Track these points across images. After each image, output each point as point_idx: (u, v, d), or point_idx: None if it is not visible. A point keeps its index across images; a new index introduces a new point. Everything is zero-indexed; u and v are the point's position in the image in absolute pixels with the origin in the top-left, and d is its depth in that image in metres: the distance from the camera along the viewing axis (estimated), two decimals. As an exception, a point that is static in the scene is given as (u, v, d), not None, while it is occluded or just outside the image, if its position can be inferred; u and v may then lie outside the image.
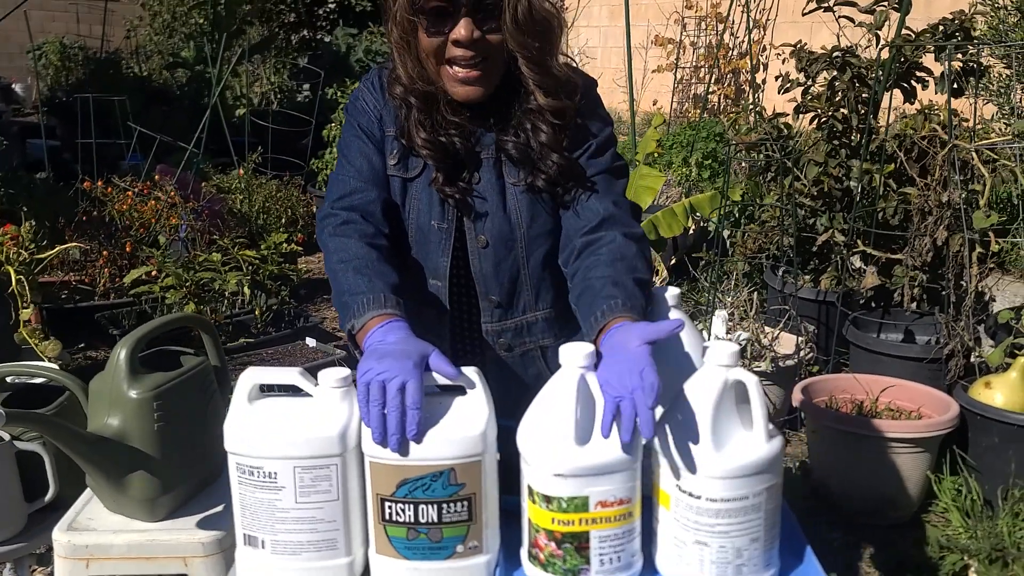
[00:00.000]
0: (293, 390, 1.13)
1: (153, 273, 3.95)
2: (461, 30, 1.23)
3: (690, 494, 1.05)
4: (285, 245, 4.00)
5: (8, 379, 1.94)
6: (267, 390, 1.15)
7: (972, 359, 2.82)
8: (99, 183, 4.79)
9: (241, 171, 5.50)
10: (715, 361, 1.06)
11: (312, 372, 1.14)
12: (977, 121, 3.44)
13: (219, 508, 1.61)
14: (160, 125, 6.95)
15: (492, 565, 1.11)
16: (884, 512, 2.60)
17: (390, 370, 1.05)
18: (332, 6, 10.42)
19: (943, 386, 2.81)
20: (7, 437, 1.86)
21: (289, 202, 5.41)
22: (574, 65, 1.41)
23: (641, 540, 1.10)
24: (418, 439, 1.04)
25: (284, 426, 1.08)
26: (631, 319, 1.17)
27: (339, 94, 6.82)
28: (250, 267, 3.89)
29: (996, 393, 2.55)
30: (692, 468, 1.04)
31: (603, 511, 1.05)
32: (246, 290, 3.82)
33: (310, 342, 3.93)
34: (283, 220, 5.30)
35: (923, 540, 2.46)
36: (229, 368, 1.79)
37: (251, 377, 1.12)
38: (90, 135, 5.89)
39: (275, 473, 1.08)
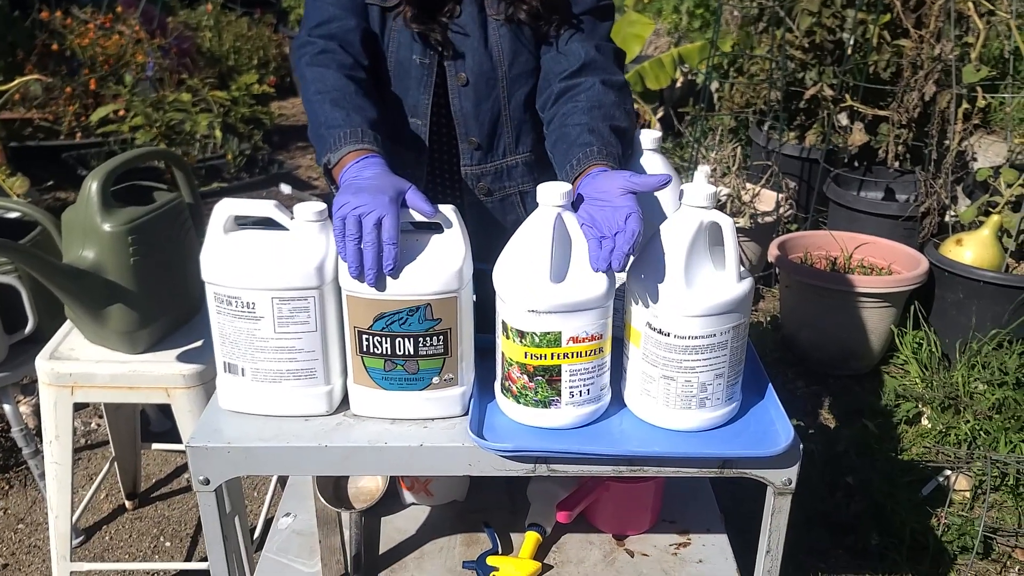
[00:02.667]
0: (268, 223, 1.12)
1: (121, 112, 3.82)
2: None
3: (660, 331, 1.07)
4: (257, 86, 3.87)
5: (-23, 213, 1.91)
6: (242, 223, 1.14)
7: (947, 218, 2.85)
8: (58, 13, 4.54)
9: (209, 6, 5.22)
10: (691, 202, 1.06)
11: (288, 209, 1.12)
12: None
13: (199, 343, 1.64)
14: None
15: (467, 396, 1.15)
16: (847, 363, 2.71)
17: (366, 205, 1.04)
18: None
19: (916, 244, 2.85)
20: (-22, 270, 1.85)
21: (260, 42, 5.18)
22: None
23: (610, 376, 1.14)
24: (395, 274, 1.05)
25: (262, 257, 1.08)
26: (607, 167, 1.15)
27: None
28: (221, 109, 3.77)
29: (966, 250, 2.60)
30: (663, 306, 1.06)
31: (575, 346, 1.07)
32: (217, 133, 3.72)
33: (284, 188, 3.89)
34: (254, 61, 5.09)
35: (882, 389, 2.57)
36: (203, 208, 1.77)
37: (227, 208, 1.11)
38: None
39: (253, 304, 1.09)
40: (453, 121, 1.38)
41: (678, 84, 4.57)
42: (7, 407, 1.92)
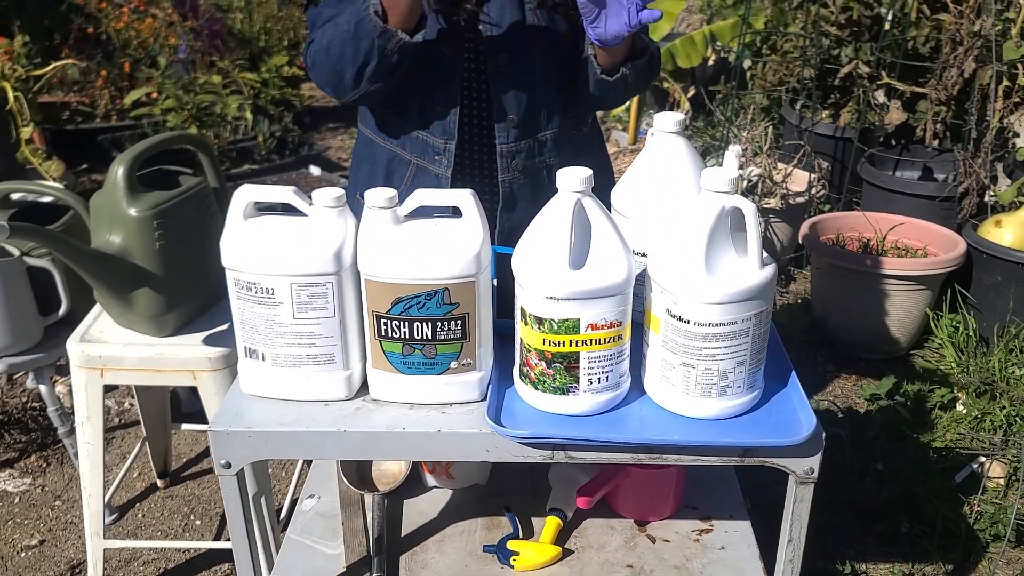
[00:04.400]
0: (287, 209, 1.13)
1: (153, 95, 3.86)
2: None
3: (680, 318, 1.05)
4: (287, 68, 3.88)
5: (14, 196, 1.95)
6: (261, 208, 1.15)
7: (986, 198, 2.77)
8: (93, -2, 4.59)
9: (241, -12, 5.24)
10: (712, 187, 1.04)
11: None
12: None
13: (224, 327, 1.66)
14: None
15: (485, 382, 1.15)
16: (880, 347, 2.66)
17: None
18: None
19: (954, 225, 2.78)
20: (16, 252, 1.89)
21: (291, 22, 5.19)
22: None
23: (630, 363, 1.13)
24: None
25: (281, 243, 1.08)
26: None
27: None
28: (251, 91, 3.79)
29: (1006, 232, 2.53)
30: (683, 293, 1.04)
31: (593, 333, 1.06)
32: (248, 115, 3.75)
33: (314, 170, 3.90)
34: (284, 42, 5.11)
35: (915, 374, 2.52)
36: (228, 192, 1.78)
37: (246, 194, 1.11)
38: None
39: (272, 289, 1.09)
40: (485, 104, 1.40)
41: (710, 62, 4.49)
42: (43, 387, 1.96)
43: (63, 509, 2.13)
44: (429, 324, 1.09)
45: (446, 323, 1.09)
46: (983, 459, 2.12)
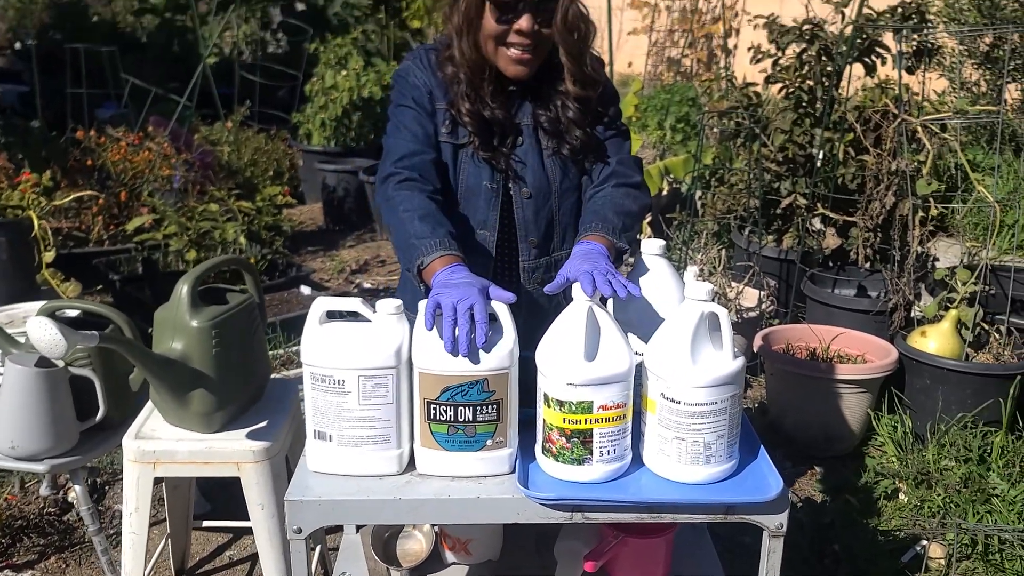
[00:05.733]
0: (353, 316, 1.39)
1: (150, 222, 4.13)
2: (523, 22, 1.54)
3: (672, 400, 1.33)
4: (281, 197, 4.20)
5: (56, 313, 2.16)
6: (331, 315, 1.41)
7: (913, 312, 3.16)
8: (92, 132, 4.92)
9: (229, 124, 5.64)
10: (694, 296, 1.34)
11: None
12: (928, 96, 3.74)
13: (263, 423, 1.88)
14: (133, 73, 7.00)
15: (513, 456, 1.40)
16: (830, 445, 2.95)
17: (463, 297, 1.33)
18: (304, -44, 10.33)
19: (886, 335, 3.15)
20: (62, 364, 2.09)
21: (276, 155, 5.57)
22: (600, 59, 1.69)
23: (631, 439, 1.39)
24: (486, 348, 1.31)
25: (351, 342, 1.34)
26: (599, 237, 1.57)
27: (321, 48, 6.92)
28: (246, 218, 4.08)
29: (930, 341, 2.89)
30: (674, 379, 1.32)
31: (604, 413, 1.33)
32: (242, 239, 4.02)
33: (305, 290, 4.17)
34: (270, 172, 5.47)
35: (862, 468, 2.81)
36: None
37: (322, 304, 1.38)
38: (61, 83, 5.99)
39: (343, 381, 1.34)
40: (513, 228, 1.71)
41: (664, 192, 4.97)
42: (78, 488, 2.11)
43: (79, 609, 2.23)
44: (471, 408, 1.35)
45: (485, 407, 1.35)
46: (924, 542, 2.38)
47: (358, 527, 1.80)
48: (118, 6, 10.68)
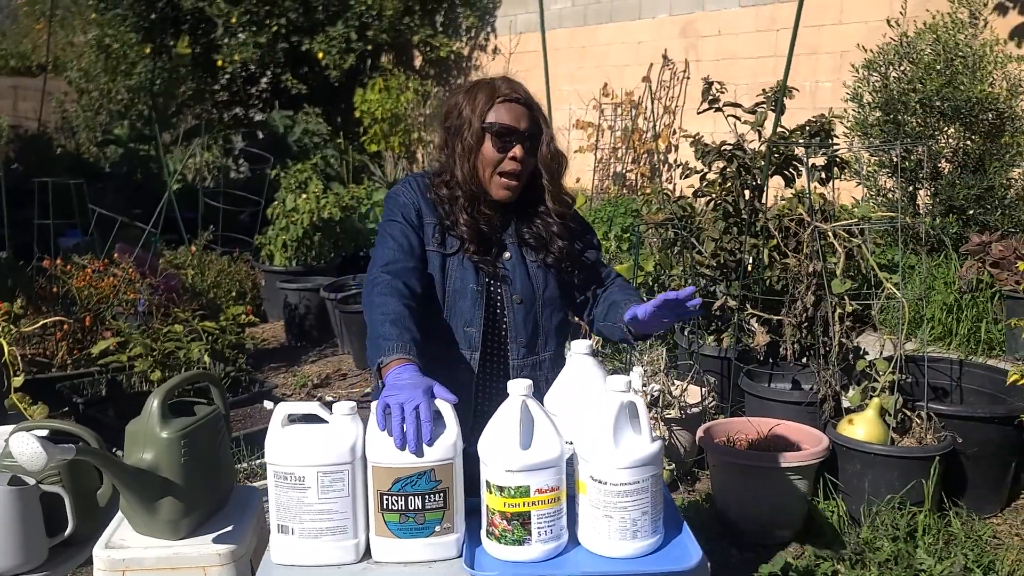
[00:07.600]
0: (312, 418, 1.55)
1: (114, 345, 4.24)
2: (518, 151, 1.87)
3: (599, 481, 1.50)
4: (244, 316, 4.36)
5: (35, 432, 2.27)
6: (292, 418, 1.57)
7: (842, 401, 3.38)
8: (58, 261, 5.07)
9: (193, 248, 5.84)
10: (614, 388, 1.53)
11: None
12: (848, 202, 4.11)
13: (229, 528, 1.98)
14: (98, 201, 7.21)
15: (461, 541, 1.54)
16: (773, 532, 3.10)
17: (408, 398, 1.50)
18: (265, 85, 10.86)
19: (819, 424, 3.36)
20: (32, 481, 2.18)
21: (239, 276, 5.75)
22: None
23: (567, 520, 1.55)
24: (430, 443, 1.47)
25: (310, 441, 1.50)
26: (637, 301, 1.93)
27: (282, 174, 7.24)
28: (210, 337, 4.22)
29: (858, 428, 3.10)
30: (600, 462, 1.50)
31: (540, 496, 1.49)
32: (206, 359, 4.15)
33: (268, 405, 4.27)
34: (233, 293, 5.64)
35: (804, 552, 2.95)
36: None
37: (283, 409, 1.54)
38: (29, 213, 6.19)
39: (303, 477, 1.49)
40: (497, 326, 1.94)
41: (611, 299, 5.23)
42: (44, 603, 2.17)
43: None
44: (420, 497, 1.50)
45: (433, 495, 1.50)
46: (865, 619, 2.52)
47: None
48: (82, 138, 11.04)
